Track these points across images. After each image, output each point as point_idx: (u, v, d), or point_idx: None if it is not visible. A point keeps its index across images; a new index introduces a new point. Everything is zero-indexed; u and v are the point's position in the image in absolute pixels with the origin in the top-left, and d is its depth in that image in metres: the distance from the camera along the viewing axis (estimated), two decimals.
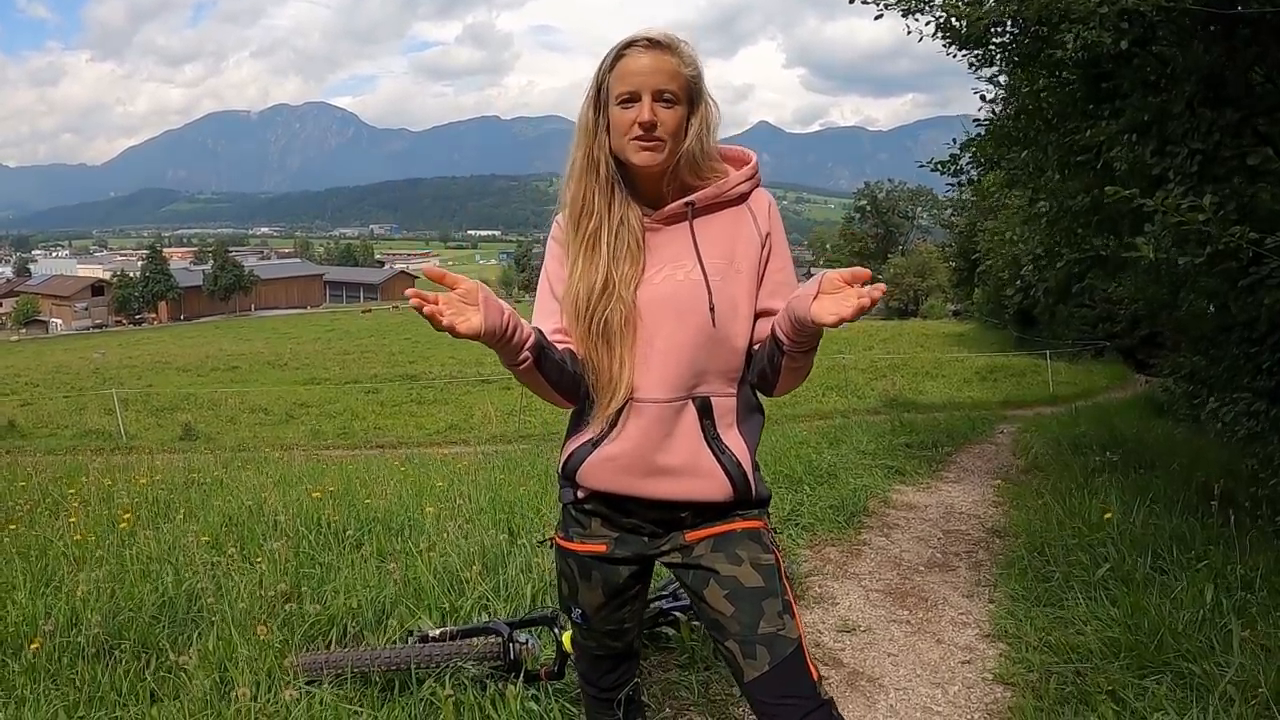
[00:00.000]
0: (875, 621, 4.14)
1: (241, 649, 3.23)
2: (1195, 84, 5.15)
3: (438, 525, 5.17)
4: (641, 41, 1.82)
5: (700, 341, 1.86)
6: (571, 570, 2.06)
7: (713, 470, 1.88)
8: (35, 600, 3.81)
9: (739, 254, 1.90)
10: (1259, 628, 3.38)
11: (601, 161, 1.88)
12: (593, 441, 1.92)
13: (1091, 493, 6.09)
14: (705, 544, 1.92)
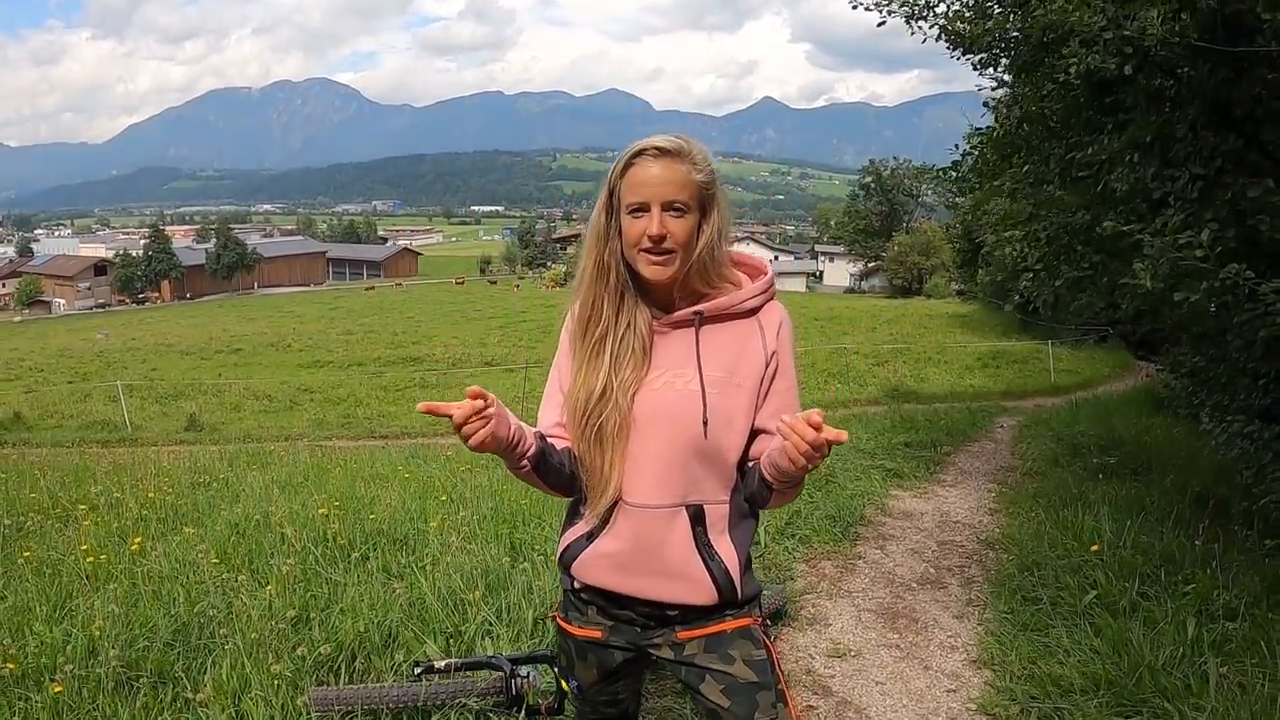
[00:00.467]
0: (865, 645, 4.26)
1: (255, 681, 3.36)
2: (1199, 107, 5.17)
3: (441, 537, 5.30)
4: (651, 150, 1.84)
5: (692, 452, 1.89)
6: (569, 648, 2.13)
7: (701, 578, 1.93)
8: (53, 628, 3.94)
9: (741, 368, 1.90)
10: (1237, 664, 3.49)
11: (612, 268, 1.91)
12: (588, 535, 1.98)
13: (1085, 506, 6.18)
14: (697, 643, 1.98)
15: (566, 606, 2.12)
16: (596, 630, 2.06)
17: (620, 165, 1.87)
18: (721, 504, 1.95)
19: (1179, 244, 4.21)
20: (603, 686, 2.15)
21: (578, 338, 1.97)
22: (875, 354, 26.30)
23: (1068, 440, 9.81)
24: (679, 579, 1.93)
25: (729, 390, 1.88)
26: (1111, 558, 4.96)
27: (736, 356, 1.92)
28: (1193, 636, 3.80)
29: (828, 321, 44.41)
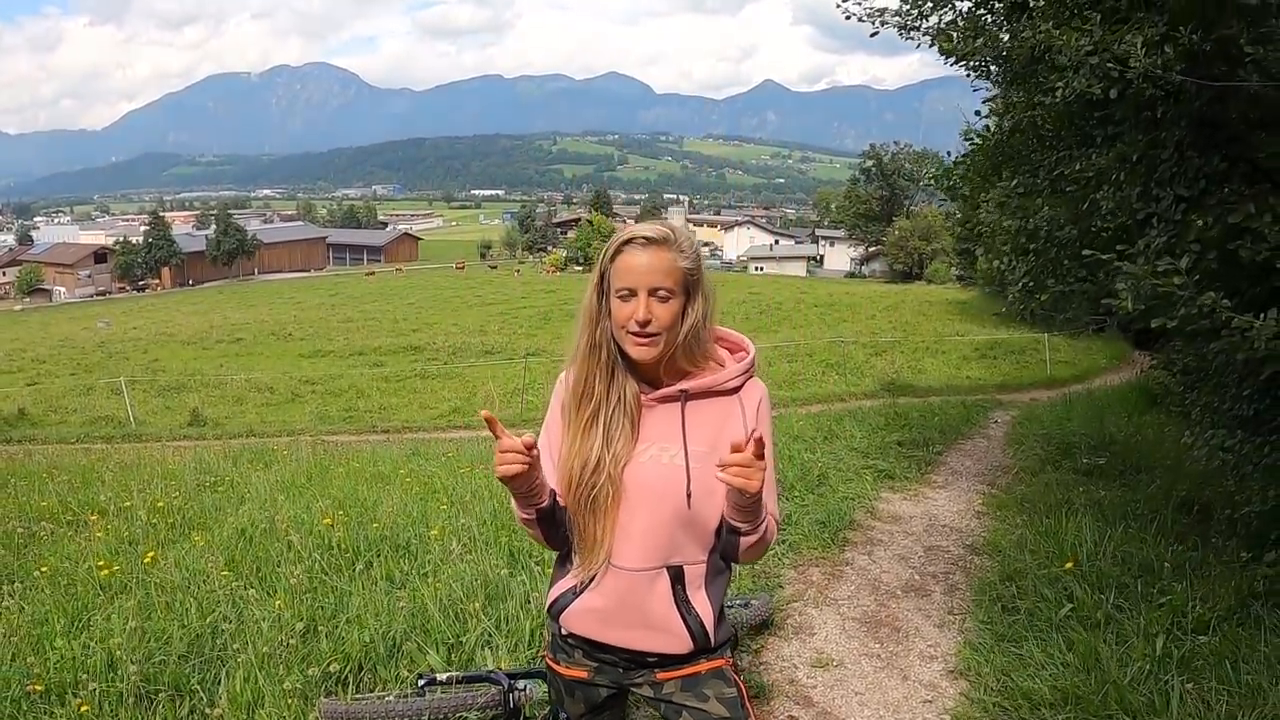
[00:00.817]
0: (848, 654, 4.45)
1: (268, 695, 3.55)
2: (1184, 128, 5.28)
3: (442, 543, 5.50)
4: (640, 240, 2.00)
5: (676, 521, 2.07)
6: (559, 685, 2.33)
7: (679, 630, 2.11)
8: (71, 642, 4.12)
9: (723, 443, 1.95)
10: (1203, 680, 3.67)
11: (604, 346, 2.07)
12: (575, 590, 2.17)
13: (1069, 513, 6.36)
14: (674, 684, 2.17)
15: (555, 648, 2.30)
16: (582, 671, 2.24)
17: (610, 251, 2.03)
18: (700, 564, 2.13)
19: (1158, 270, 4.34)
20: (590, 718, 2.33)
21: (571, 409, 2.13)
22: (873, 344, 26.48)
23: (1059, 440, 9.96)
24: (659, 631, 2.12)
25: (711, 463, 1.98)
26: (1090, 568, 5.14)
27: (719, 431, 2.07)
28: (1161, 652, 3.97)
29: (827, 308, 44.56)
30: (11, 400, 22.15)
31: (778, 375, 21.90)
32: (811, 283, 73.34)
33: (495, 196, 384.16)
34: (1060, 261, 6.08)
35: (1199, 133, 5.23)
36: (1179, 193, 5.15)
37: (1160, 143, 5.32)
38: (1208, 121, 5.19)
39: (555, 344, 33.78)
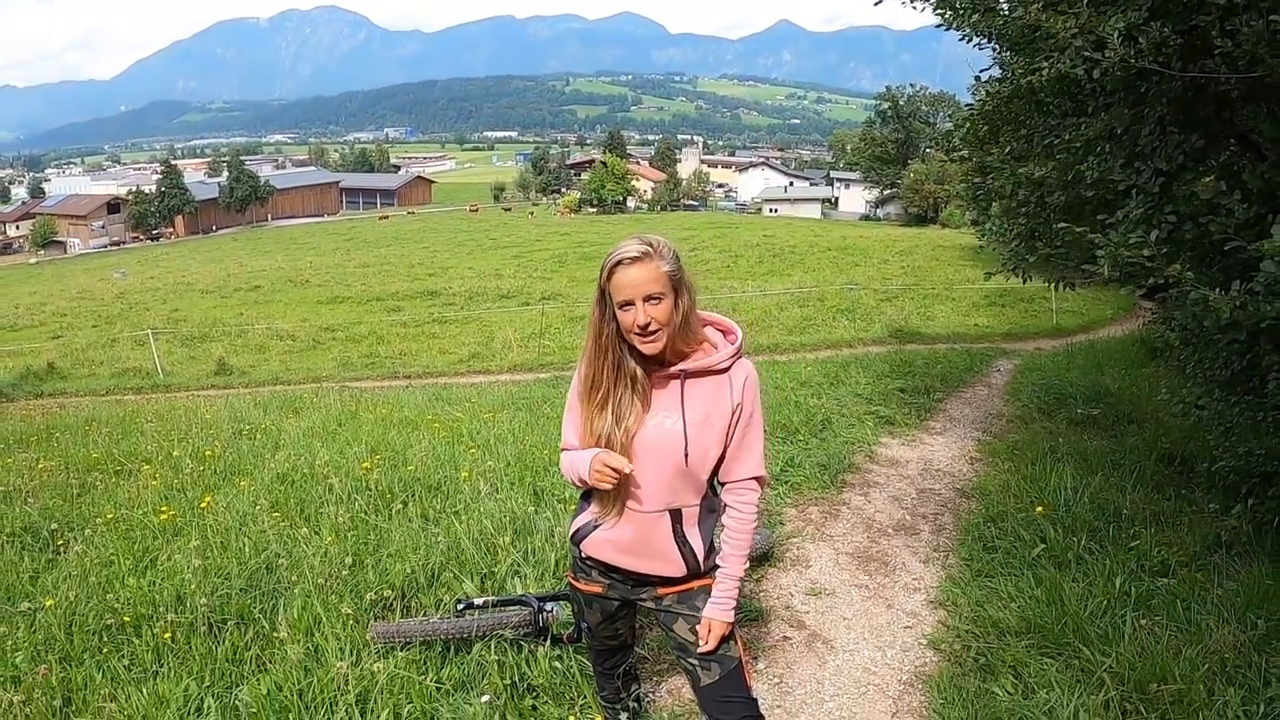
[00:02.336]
0: (839, 585, 4.93)
1: (325, 620, 4.05)
2: (1166, 105, 5.60)
3: (471, 484, 6.00)
4: (627, 259, 2.44)
5: (676, 475, 2.58)
6: (579, 599, 2.93)
7: (677, 559, 2.66)
8: (140, 580, 4.63)
9: (714, 413, 2.56)
10: (1156, 617, 4.11)
11: (609, 348, 2.54)
12: (594, 524, 2.71)
13: (1055, 460, 6.79)
14: (673, 598, 2.73)
15: (575, 569, 2.87)
16: (598, 587, 2.82)
17: (605, 272, 2.49)
18: (694, 506, 2.66)
19: (1129, 243, 4.72)
20: (605, 625, 2.94)
21: (584, 396, 2.63)
22: (885, 290, 26.76)
23: (1056, 390, 10.32)
24: (660, 559, 2.67)
25: (705, 429, 2.56)
26: (1065, 513, 5.57)
27: (711, 403, 2.57)
28: (1119, 590, 4.41)
29: (840, 252, 44.62)
30: (39, 355, 22.68)
31: (789, 320, 22.26)
32: (826, 225, 73.24)
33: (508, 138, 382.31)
34: (1050, 225, 6.39)
35: (1180, 109, 5.55)
36: (1158, 166, 5.48)
37: (1143, 118, 5.64)
38: (1189, 100, 5.49)
39: (572, 288, 34.15)
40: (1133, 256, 4.72)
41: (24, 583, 4.88)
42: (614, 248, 2.50)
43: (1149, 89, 5.53)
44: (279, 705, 3.41)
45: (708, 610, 2.66)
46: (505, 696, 3.51)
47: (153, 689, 3.63)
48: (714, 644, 2.64)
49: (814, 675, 4.01)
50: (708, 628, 2.65)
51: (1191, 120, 5.57)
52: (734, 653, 2.72)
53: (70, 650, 4.05)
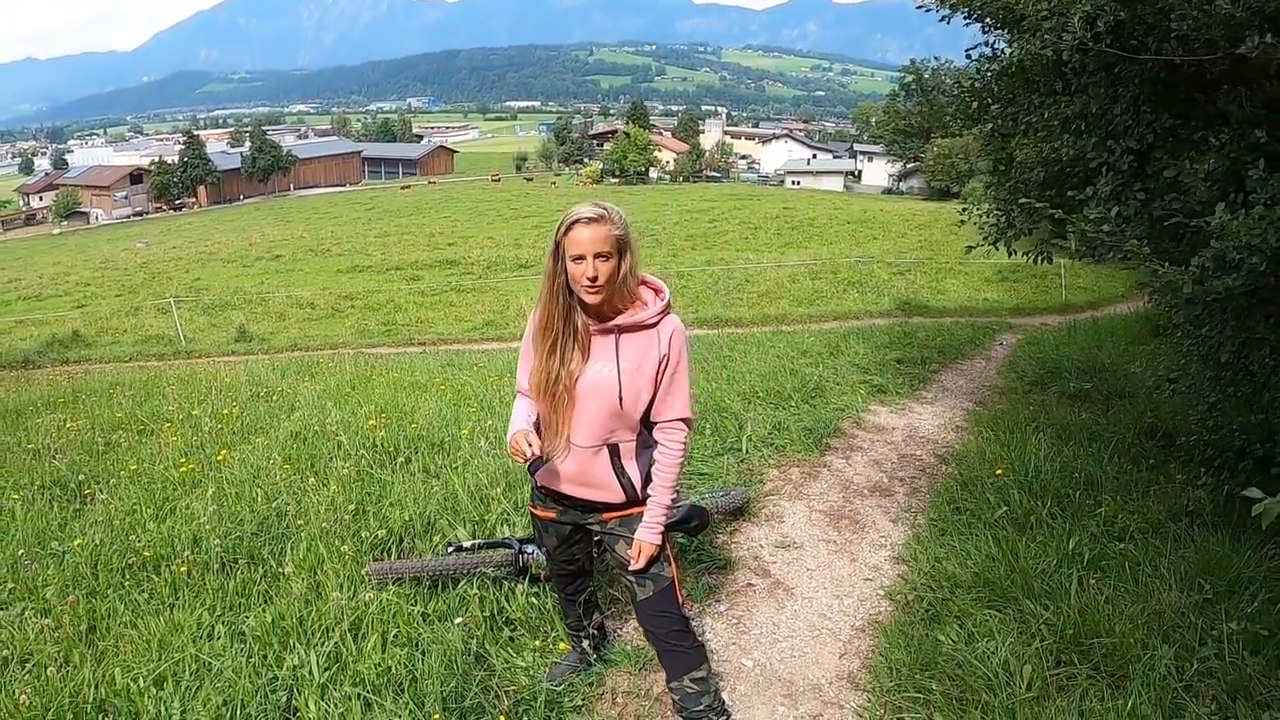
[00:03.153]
0: (808, 540, 5.24)
1: (327, 560, 4.43)
2: (1139, 85, 5.82)
3: (472, 442, 6.36)
4: (583, 219, 2.80)
5: (612, 415, 2.96)
6: (539, 525, 3.34)
7: (615, 488, 3.06)
8: (160, 525, 5.02)
9: (645, 363, 2.94)
10: (1105, 577, 4.37)
11: (560, 294, 2.90)
12: (544, 459, 3.06)
13: (1035, 429, 7.08)
14: (615, 522, 3.13)
15: (534, 497, 3.29)
16: (552, 512, 3.25)
17: (563, 229, 2.86)
18: (630, 442, 3.05)
19: (1089, 219, 4.99)
20: (562, 550, 3.36)
21: (538, 338, 2.99)
22: (898, 264, 26.93)
23: (1052, 364, 10.53)
24: (602, 488, 3.07)
25: (636, 376, 2.94)
26: (1034, 479, 5.84)
27: (642, 353, 2.95)
28: (1072, 551, 4.67)
29: (860, 225, 44.67)
30: (64, 324, 23.19)
31: (800, 292, 22.51)
32: (847, 198, 73.10)
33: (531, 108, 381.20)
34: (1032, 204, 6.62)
35: (1153, 90, 5.77)
36: (1129, 145, 5.72)
37: (1118, 98, 5.87)
38: (1162, 80, 5.71)
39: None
40: (1094, 232, 4.98)
41: (53, 529, 5.28)
42: (571, 209, 2.85)
43: (1123, 69, 5.74)
44: (281, 631, 3.77)
45: (639, 533, 3.03)
46: (485, 627, 3.86)
47: (169, 618, 4.00)
48: (644, 563, 3.03)
49: (771, 618, 4.34)
50: (638, 549, 3.03)
51: (1164, 100, 5.79)
52: (667, 573, 3.11)
53: (95, 586, 4.43)
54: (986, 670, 3.52)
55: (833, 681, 3.79)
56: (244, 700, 3.30)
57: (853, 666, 3.90)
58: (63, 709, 3.30)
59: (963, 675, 3.52)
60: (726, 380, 8.58)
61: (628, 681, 3.70)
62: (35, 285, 36.50)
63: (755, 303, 21.21)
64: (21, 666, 3.66)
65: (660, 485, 3.02)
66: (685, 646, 3.14)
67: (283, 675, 3.47)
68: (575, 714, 3.45)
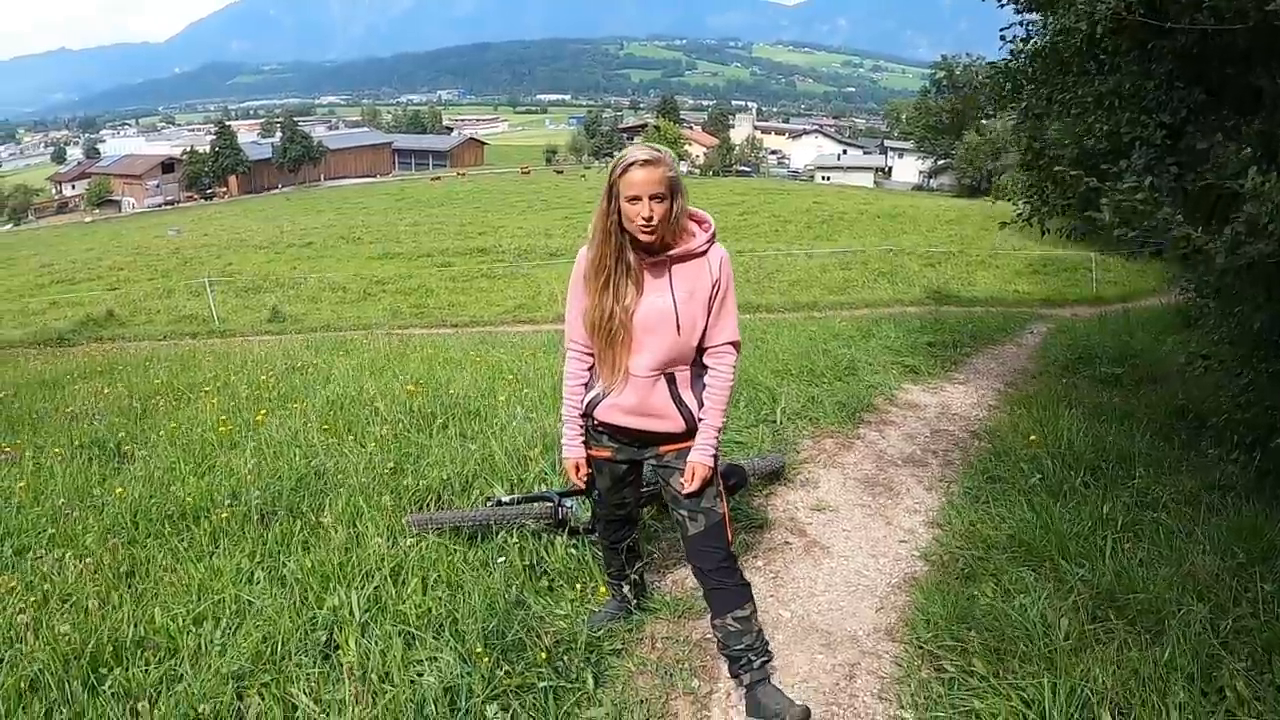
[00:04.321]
0: (843, 504, 5.26)
1: (367, 511, 4.48)
2: (1172, 60, 5.83)
3: (508, 409, 6.41)
4: (639, 161, 2.84)
5: (670, 344, 3.00)
6: (591, 467, 3.33)
7: (675, 416, 3.09)
8: (200, 480, 5.10)
9: (697, 289, 3.00)
10: (1139, 542, 4.38)
11: (613, 234, 2.95)
12: (603, 394, 3.12)
13: (1068, 407, 7.06)
14: (672, 455, 3.15)
15: (589, 438, 3.29)
16: (608, 450, 3.27)
17: (619, 170, 2.90)
18: (686, 370, 3.10)
19: (1122, 189, 4.99)
20: (614, 492, 3.39)
21: (590, 278, 3.04)
22: (928, 255, 26.80)
23: (1084, 349, 10.51)
24: (661, 418, 3.10)
25: (691, 304, 3.00)
26: (1068, 451, 5.84)
27: (695, 280, 3.00)
28: (1107, 516, 4.69)
29: (889, 219, 44.52)
30: (98, 304, 23.43)
31: (830, 281, 22.47)
32: (877, 194, 72.84)
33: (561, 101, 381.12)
34: (1062, 178, 6.63)
35: (1186, 65, 5.78)
36: (1162, 119, 5.74)
37: (1151, 74, 5.89)
38: (1194, 56, 5.71)
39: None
40: (1127, 200, 4.98)
41: (93, 483, 5.37)
42: (626, 151, 2.91)
43: (1155, 46, 5.75)
44: (322, 575, 3.82)
45: (692, 455, 3.07)
46: (524, 576, 3.90)
47: (209, 564, 4.07)
48: (698, 485, 3.06)
49: (808, 575, 4.35)
50: (691, 471, 3.06)
51: (1197, 76, 5.80)
52: (719, 509, 3.15)
53: (135, 535, 4.52)
54: (1024, 622, 3.52)
55: (870, 634, 3.80)
56: (284, 638, 3.35)
57: (890, 620, 3.91)
58: (102, 643, 3.36)
59: (1000, 627, 3.52)
60: (759, 359, 8.59)
61: (667, 628, 3.73)
62: (68, 270, 36.87)
63: (786, 290, 21.17)
64: (62, 604, 3.74)
65: (712, 408, 3.07)
66: (731, 584, 3.17)
67: (323, 615, 3.52)
68: (615, 656, 3.48)
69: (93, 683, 3.15)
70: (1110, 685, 3.06)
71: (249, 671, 3.19)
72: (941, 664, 3.42)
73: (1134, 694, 3.03)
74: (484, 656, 3.17)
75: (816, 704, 3.28)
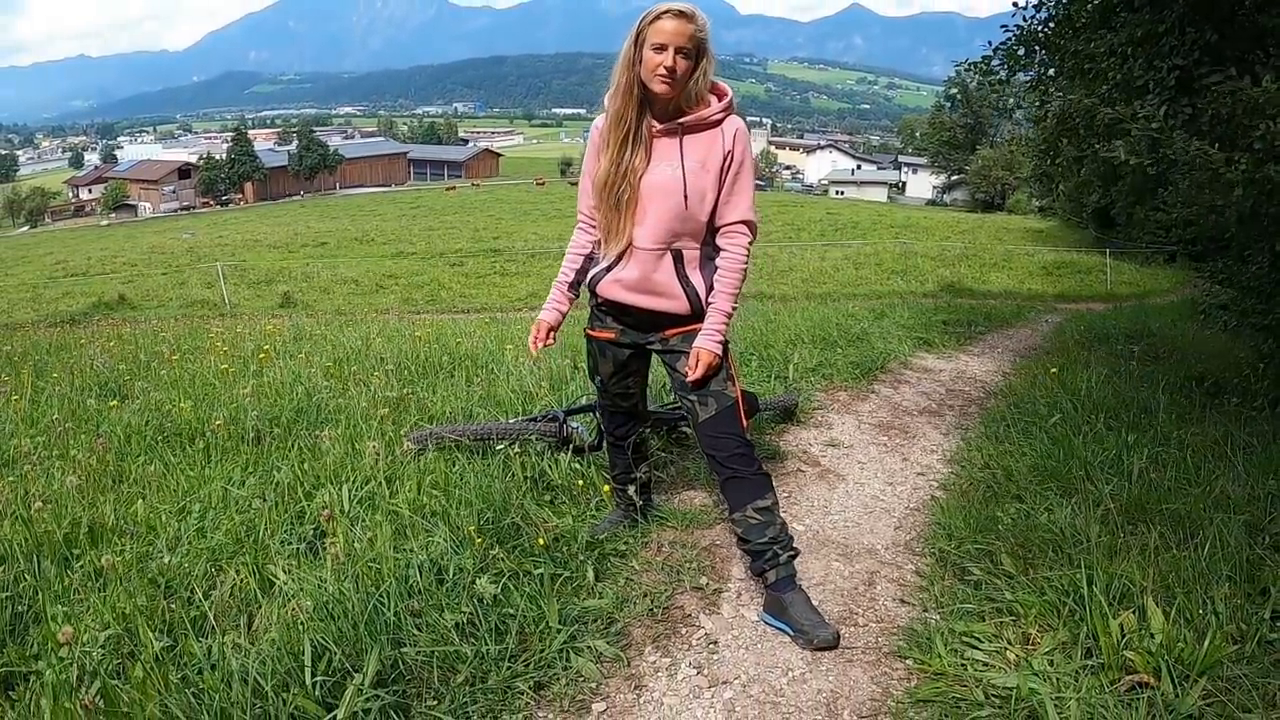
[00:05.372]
0: (858, 442, 5.10)
1: (365, 430, 4.34)
2: (1185, 5, 5.76)
3: (516, 361, 6.26)
4: (673, 11, 2.71)
5: (677, 214, 2.85)
6: (594, 350, 3.20)
7: (680, 296, 2.92)
8: (199, 409, 4.96)
9: (709, 160, 2.84)
10: (1161, 468, 4.20)
11: (635, 87, 2.80)
12: (607, 268, 2.98)
13: (1086, 368, 6.88)
14: (679, 338, 2.98)
15: (591, 320, 3.15)
16: (612, 333, 3.10)
17: (651, 17, 2.76)
18: (694, 250, 2.93)
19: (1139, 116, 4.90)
20: (618, 379, 3.21)
21: (609, 132, 2.89)
22: (942, 256, 26.64)
23: (1099, 330, 10.38)
24: (667, 297, 2.93)
25: (701, 175, 2.85)
26: (1087, 399, 5.68)
27: (707, 151, 2.86)
28: (1132, 444, 4.53)
29: (903, 229, 44.37)
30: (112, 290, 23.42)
31: (844, 278, 22.31)
32: (891, 208, 72.70)
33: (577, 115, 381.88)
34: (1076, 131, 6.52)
35: (1195, 10, 5.71)
36: (1175, 63, 5.67)
37: (1162, 20, 5.82)
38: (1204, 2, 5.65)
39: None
40: (1142, 129, 4.89)
41: (92, 415, 5.24)
42: (662, 3, 2.76)
43: None
44: (314, 477, 3.69)
45: (698, 340, 2.90)
46: (525, 486, 3.72)
47: (200, 473, 3.94)
48: (701, 372, 2.88)
49: (822, 496, 4.20)
50: (696, 357, 2.89)
51: (1207, 18, 5.73)
52: (731, 391, 2.96)
53: (128, 450, 4.39)
54: (1052, 528, 3.36)
55: (889, 547, 3.64)
56: (270, 528, 3.22)
57: (909, 537, 3.75)
58: (78, 526, 3.26)
59: (1027, 535, 3.36)
60: (772, 330, 8.43)
61: (674, 535, 3.57)
62: (83, 265, 36.92)
63: (799, 285, 21.05)
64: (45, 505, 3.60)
65: (722, 292, 2.91)
66: (749, 473, 2.96)
67: (312, 508, 3.39)
68: (618, 557, 3.32)
69: (65, 558, 3.03)
70: (1150, 580, 2.89)
71: (229, 555, 3.05)
72: (967, 569, 3.25)
73: (1174, 589, 2.86)
74: (477, 538, 3.02)
75: (835, 605, 3.11)
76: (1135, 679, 2.47)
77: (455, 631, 2.60)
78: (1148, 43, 5.94)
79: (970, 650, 2.70)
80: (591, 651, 2.71)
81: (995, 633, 2.77)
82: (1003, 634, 2.76)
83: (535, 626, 2.74)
